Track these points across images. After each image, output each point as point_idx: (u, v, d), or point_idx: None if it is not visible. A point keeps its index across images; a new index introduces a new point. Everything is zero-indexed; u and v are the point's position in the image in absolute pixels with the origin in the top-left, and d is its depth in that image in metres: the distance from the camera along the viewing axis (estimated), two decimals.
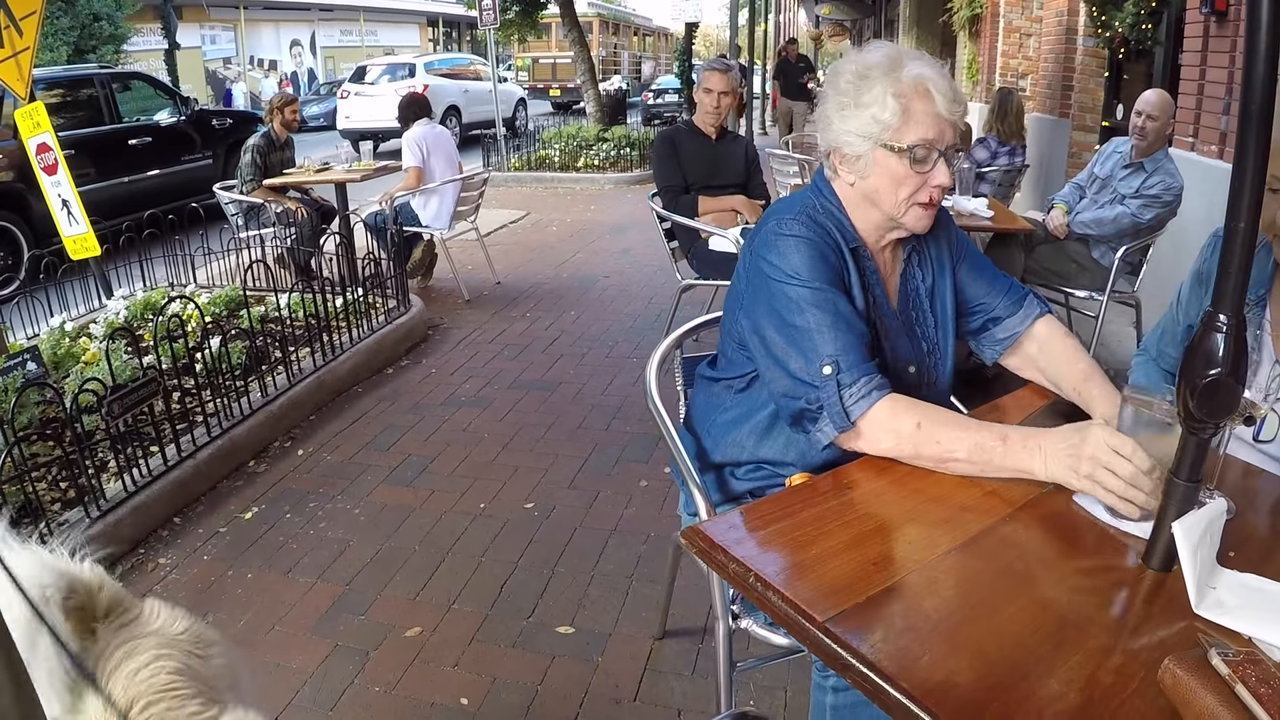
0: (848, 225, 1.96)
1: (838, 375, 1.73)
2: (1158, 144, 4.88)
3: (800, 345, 1.79)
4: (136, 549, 3.56)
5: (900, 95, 1.81)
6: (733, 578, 1.37)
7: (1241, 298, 1.23)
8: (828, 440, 1.76)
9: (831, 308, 1.79)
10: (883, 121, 1.82)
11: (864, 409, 1.71)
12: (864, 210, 1.95)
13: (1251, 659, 1.10)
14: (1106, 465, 1.46)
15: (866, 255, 1.97)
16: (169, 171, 10.37)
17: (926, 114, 1.81)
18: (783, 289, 1.84)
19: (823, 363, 1.75)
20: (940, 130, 1.82)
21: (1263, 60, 1.14)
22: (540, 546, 3.56)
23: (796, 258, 1.84)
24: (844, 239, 1.93)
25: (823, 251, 1.86)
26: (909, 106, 1.81)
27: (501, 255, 8.62)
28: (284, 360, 4.88)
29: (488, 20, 14.35)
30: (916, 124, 1.81)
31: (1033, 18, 10.36)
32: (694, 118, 5.55)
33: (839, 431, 1.74)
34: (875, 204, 1.91)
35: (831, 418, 1.74)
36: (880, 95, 1.82)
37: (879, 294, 1.99)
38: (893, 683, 1.11)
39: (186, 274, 6.66)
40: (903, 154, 1.82)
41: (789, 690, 2.75)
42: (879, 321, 1.97)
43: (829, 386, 1.74)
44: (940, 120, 1.82)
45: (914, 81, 1.81)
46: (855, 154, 1.89)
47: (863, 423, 1.72)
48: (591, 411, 4.92)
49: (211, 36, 30.44)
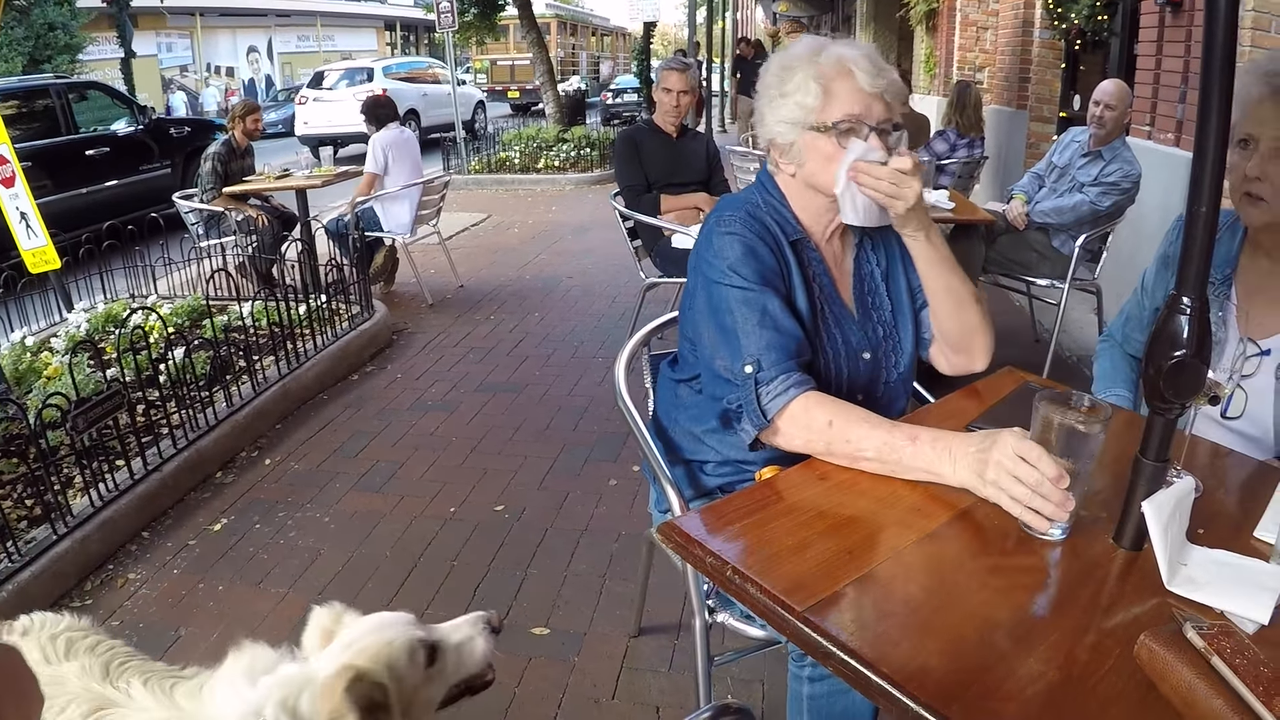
0: (790, 218, 1.96)
1: (757, 374, 1.75)
2: (1115, 133, 4.93)
3: (728, 344, 1.81)
4: (105, 565, 3.51)
5: (820, 77, 1.82)
6: (710, 571, 1.37)
7: (1204, 280, 1.24)
8: (750, 439, 1.78)
9: (759, 307, 1.80)
10: (806, 105, 1.84)
11: (780, 406, 1.72)
12: (808, 199, 1.95)
13: (1225, 631, 1.12)
14: (1012, 472, 1.43)
15: (811, 246, 1.97)
16: (128, 181, 10.26)
17: (848, 90, 1.82)
18: (716, 288, 1.86)
19: (745, 362, 1.76)
20: (866, 105, 1.82)
21: (1221, 46, 1.15)
22: (512, 549, 3.55)
23: (730, 255, 1.85)
24: (785, 232, 1.93)
25: (756, 249, 1.86)
26: (829, 86, 1.82)
27: (464, 258, 8.59)
28: (248, 369, 4.83)
29: (445, 23, 14.27)
30: (839, 101, 1.82)
31: (989, 11, 10.43)
32: (654, 117, 5.55)
33: (757, 430, 1.76)
34: (816, 189, 1.91)
35: (750, 416, 1.75)
36: (802, 81, 1.84)
37: (826, 283, 1.98)
38: (873, 668, 1.11)
39: (148, 285, 6.59)
40: (828, 132, 1.82)
41: (766, 683, 2.75)
42: (828, 311, 1.97)
43: (748, 385, 1.75)
44: (864, 95, 1.82)
45: (834, 62, 1.83)
46: (788, 143, 1.90)
47: (779, 420, 1.73)
48: (559, 412, 4.91)
49: (168, 44, 30.10)
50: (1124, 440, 1.61)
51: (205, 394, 4.49)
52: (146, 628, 3.12)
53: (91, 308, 5.87)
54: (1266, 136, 1.82)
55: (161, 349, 4.50)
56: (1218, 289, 2.03)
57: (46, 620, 1.81)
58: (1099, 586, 1.32)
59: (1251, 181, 1.85)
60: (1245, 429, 1.99)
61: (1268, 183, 1.83)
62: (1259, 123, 1.83)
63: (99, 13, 22.26)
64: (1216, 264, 2.03)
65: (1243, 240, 2.05)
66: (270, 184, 7.20)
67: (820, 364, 1.92)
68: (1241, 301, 2.03)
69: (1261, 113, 1.82)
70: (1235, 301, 2.03)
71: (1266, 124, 1.82)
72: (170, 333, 4.54)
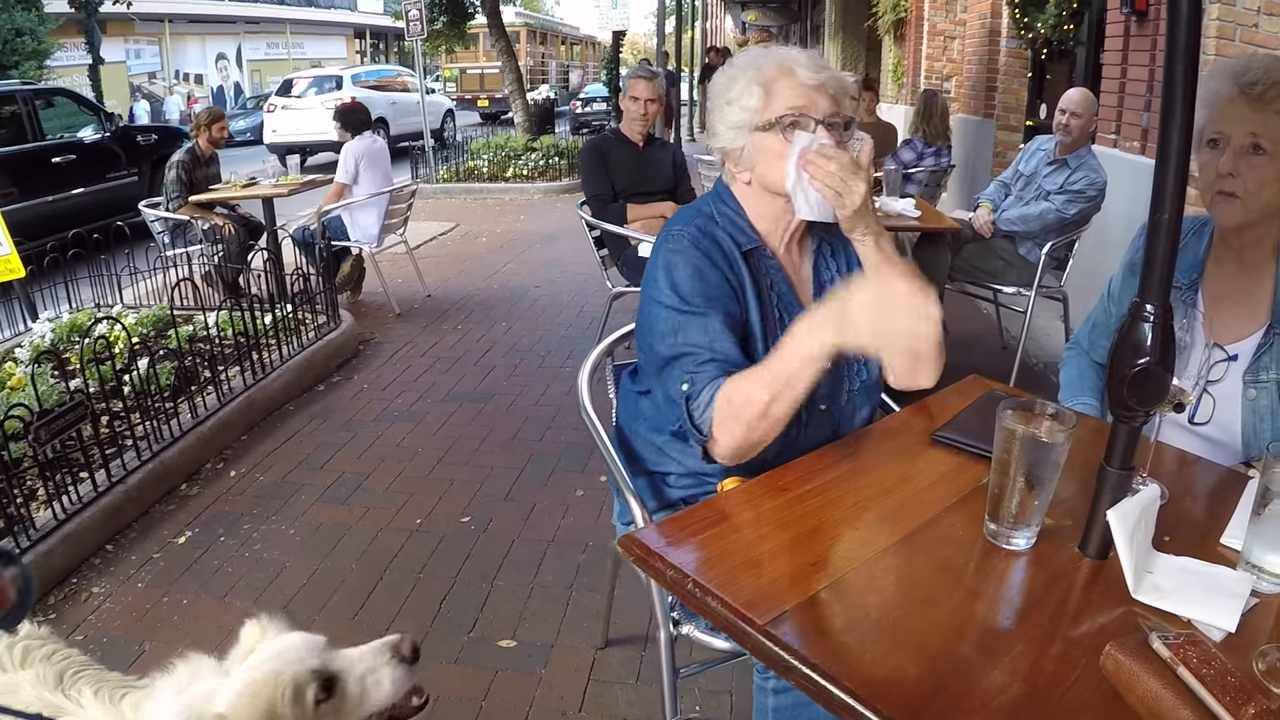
0: (745, 227, 1.95)
1: (689, 390, 1.74)
2: (1081, 141, 4.96)
3: (672, 366, 1.80)
4: (69, 579, 3.44)
5: (762, 79, 1.84)
6: (671, 585, 1.35)
7: (1168, 288, 1.24)
8: (700, 455, 1.77)
9: (700, 325, 1.79)
10: (750, 108, 1.85)
11: (710, 417, 1.70)
12: (765, 204, 1.94)
13: (1191, 640, 1.11)
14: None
15: (768, 254, 1.96)
16: (94, 189, 10.13)
17: (789, 87, 1.83)
18: (659, 309, 1.85)
19: (683, 380, 1.76)
20: (809, 98, 1.83)
21: (1184, 54, 1.16)
22: (478, 560, 3.52)
23: (675, 274, 1.85)
24: (739, 243, 1.92)
25: (702, 269, 1.85)
26: (770, 87, 1.84)
27: (431, 268, 8.53)
28: (214, 380, 4.77)
29: (415, 31, 14.22)
30: (780, 98, 1.83)
31: (956, 21, 10.50)
32: (621, 125, 5.54)
33: (700, 445, 1.75)
34: (771, 189, 1.90)
35: (691, 434, 1.75)
36: (745, 86, 1.86)
37: (785, 290, 1.97)
38: (836, 683, 1.10)
39: (113, 294, 6.49)
40: (773, 128, 1.83)
41: (734, 694, 2.73)
42: (786, 319, 1.94)
43: (683, 405, 1.75)
44: (806, 89, 1.83)
45: (775, 64, 1.85)
46: (737, 148, 1.91)
47: (714, 429, 1.71)
48: (525, 422, 4.88)
49: (136, 51, 29.89)
50: (1090, 448, 1.60)
51: (170, 405, 4.43)
52: (110, 642, 3.06)
53: (56, 318, 5.79)
54: (1237, 133, 1.84)
55: (126, 359, 4.44)
56: (1184, 293, 2.04)
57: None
58: (1065, 596, 1.30)
59: (1224, 179, 1.87)
60: (1212, 434, 2.00)
61: (1240, 178, 1.84)
62: (1229, 121, 1.85)
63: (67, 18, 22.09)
64: (1183, 269, 2.03)
65: (1209, 245, 2.06)
66: (236, 192, 7.14)
67: None
68: (1208, 307, 2.03)
69: (1232, 111, 1.84)
70: (1202, 307, 2.04)
71: (1237, 121, 1.84)
72: (134, 343, 4.46)
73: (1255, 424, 1.93)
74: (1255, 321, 1.96)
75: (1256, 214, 1.88)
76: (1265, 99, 1.80)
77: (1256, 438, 1.93)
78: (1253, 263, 1.98)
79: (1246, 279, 1.99)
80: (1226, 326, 1.99)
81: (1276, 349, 1.91)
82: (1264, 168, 1.83)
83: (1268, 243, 1.96)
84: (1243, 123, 1.83)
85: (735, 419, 1.65)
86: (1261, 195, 1.85)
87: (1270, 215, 1.91)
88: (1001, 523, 1.40)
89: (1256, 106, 1.81)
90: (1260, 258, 1.97)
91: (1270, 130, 1.81)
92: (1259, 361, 1.93)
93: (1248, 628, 1.24)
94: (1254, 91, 1.81)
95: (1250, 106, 1.82)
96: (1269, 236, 1.95)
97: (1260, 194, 1.85)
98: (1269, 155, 1.82)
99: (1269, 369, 1.92)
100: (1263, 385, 1.92)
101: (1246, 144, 1.83)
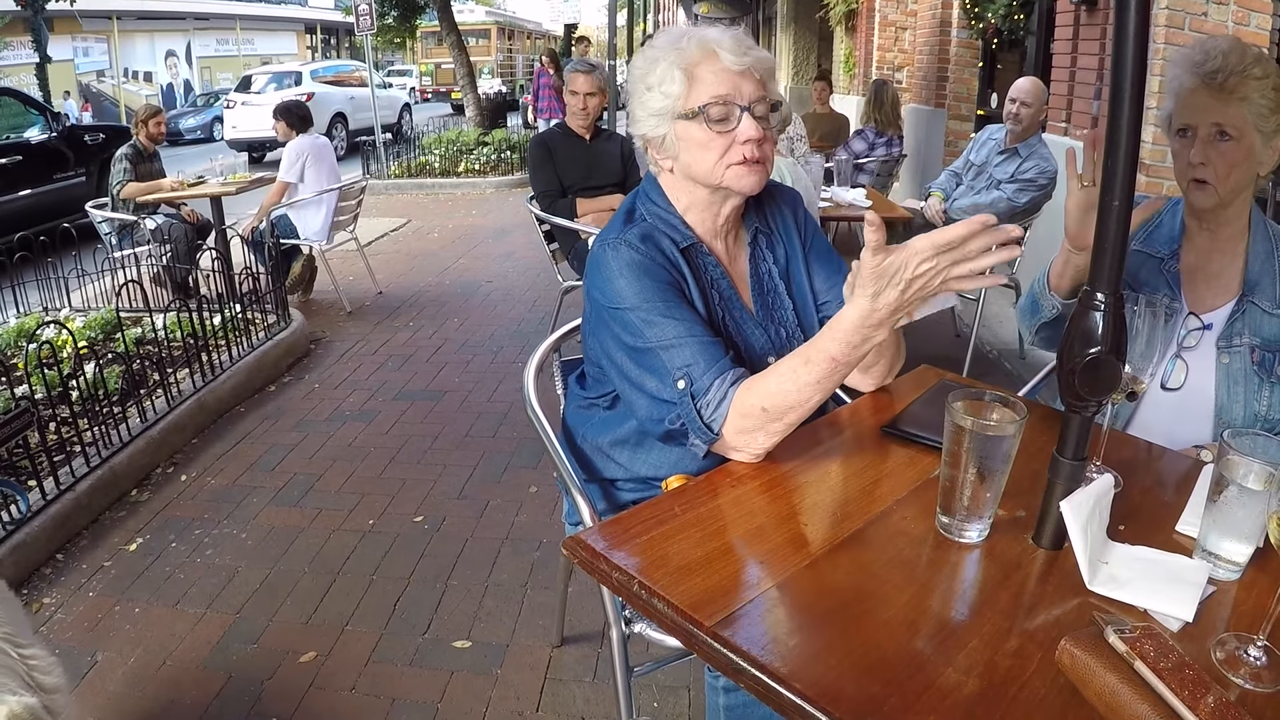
0: (678, 223, 1.90)
1: (691, 388, 1.66)
2: (1032, 130, 4.99)
3: (650, 365, 1.73)
4: (19, 590, 3.35)
5: (683, 63, 1.77)
6: (617, 587, 1.31)
7: (1119, 275, 1.23)
8: (703, 453, 1.70)
9: (670, 321, 1.72)
10: (672, 94, 1.79)
11: (723, 417, 1.63)
12: (690, 193, 1.90)
13: (1148, 633, 1.09)
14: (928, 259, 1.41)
15: (704, 250, 1.91)
16: (41, 190, 9.95)
17: (713, 72, 1.77)
18: (619, 315, 1.77)
19: (676, 378, 1.68)
20: (734, 84, 1.77)
21: (1132, 40, 1.16)
22: (432, 560, 3.48)
23: (622, 281, 1.77)
24: (675, 240, 1.86)
25: (647, 267, 1.78)
26: (693, 72, 1.77)
27: (383, 264, 8.47)
28: (163, 383, 4.68)
29: (364, 25, 14.12)
30: (704, 84, 1.77)
31: (908, 11, 10.55)
32: (565, 119, 5.52)
33: (708, 444, 1.67)
34: (695, 179, 1.85)
35: (697, 434, 1.67)
36: (666, 70, 1.79)
37: (725, 287, 1.92)
38: (786, 684, 1.07)
39: (61, 297, 6.38)
40: (697, 117, 1.77)
41: (691, 689, 2.72)
42: (728, 317, 1.91)
43: (685, 402, 1.67)
44: (729, 75, 1.77)
45: (697, 47, 1.78)
46: (659, 136, 1.85)
47: (727, 431, 1.64)
48: (478, 419, 4.84)
49: (84, 49, 29.38)
50: (1042, 436, 1.59)
51: (118, 410, 4.33)
52: (63, 653, 2.98)
53: (3, 322, 5.67)
54: (1203, 124, 1.93)
55: (73, 364, 4.35)
56: (1166, 263, 2.12)
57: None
58: (1019, 589, 1.28)
59: (1196, 167, 1.95)
60: (1185, 399, 2.07)
61: (1210, 166, 1.93)
62: (1194, 112, 1.94)
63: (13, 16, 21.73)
64: (1161, 240, 2.15)
65: (1183, 220, 2.14)
66: (184, 191, 7.03)
67: None
68: (1184, 277, 2.11)
69: (1195, 101, 1.93)
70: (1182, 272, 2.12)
71: (1201, 112, 1.93)
72: (81, 347, 4.37)
73: (1229, 387, 2.02)
74: (1228, 293, 2.07)
75: (1229, 196, 1.97)
76: (1227, 88, 1.88)
77: (1229, 400, 2.02)
78: (1226, 238, 2.07)
79: (1219, 253, 2.08)
80: (1200, 297, 2.10)
81: (1248, 316, 2.02)
82: (1231, 152, 1.91)
83: (1240, 219, 2.05)
84: (1207, 113, 1.92)
85: (779, 420, 1.59)
86: (1231, 179, 1.94)
87: (1241, 192, 1.99)
88: (954, 515, 1.38)
89: (1219, 96, 1.89)
90: (1234, 233, 2.07)
91: (1232, 118, 1.89)
92: (1232, 329, 2.03)
93: (1205, 616, 1.23)
94: (1215, 81, 1.89)
95: (1213, 96, 1.90)
96: (1241, 213, 2.05)
97: (1230, 178, 1.94)
98: (1234, 140, 1.90)
99: (1241, 334, 2.02)
100: (1235, 350, 2.02)
101: (1213, 133, 1.92)
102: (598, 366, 1.95)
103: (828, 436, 1.79)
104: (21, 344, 5.22)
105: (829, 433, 1.81)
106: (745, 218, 2.00)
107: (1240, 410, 2.00)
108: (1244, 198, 2.02)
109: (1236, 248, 2.06)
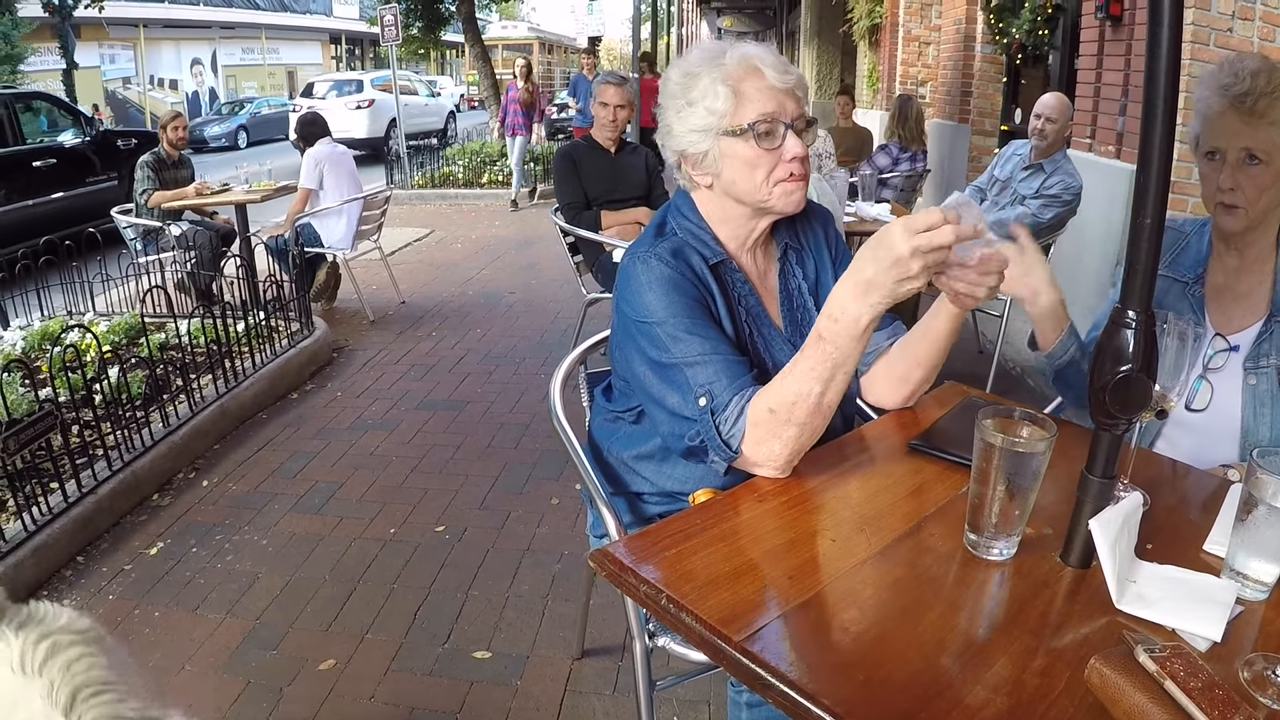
0: (709, 239, 1.89)
1: (711, 405, 1.66)
2: (1056, 145, 4.97)
3: (674, 381, 1.72)
4: (39, 591, 3.38)
5: (728, 79, 1.76)
6: (644, 600, 1.31)
7: (1150, 293, 1.23)
8: (724, 470, 1.69)
9: (696, 338, 1.72)
10: (717, 110, 1.77)
11: (740, 433, 1.62)
12: (727, 210, 1.89)
13: (1178, 653, 1.08)
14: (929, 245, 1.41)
15: (734, 267, 1.90)
16: (74, 194, 10.05)
17: (759, 90, 1.76)
18: (645, 328, 1.77)
19: (698, 395, 1.68)
20: (779, 102, 1.76)
21: (1165, 58, 1.14)
22: (453, 570, 3.48)
23: (650, 295, 1.77)
24: (705, 256, 1.85)
25: (676, 282, 1.78)
26: (739, 88, 1.76)
27: (406, 274, 8.50)
28: (185, 388, 4.71)
29: (390, 36, 14.23)
30: (751, 102, 1.75)
31: (932, 26, 10.55)
32: (592, 131, 5.51)
33: (727, 462, 1.66)
34: (738, 198, 1.84)
35: (716, 451, 1.66)
36: (709, 86, 1.77)
37: (753, 304, 1.91)
38: (815, 700, 1.06)
39: (85, 302, 6.42)
40: (745, 134, 1.76)
41: (712, 704, 2.71)
42: (756, 334, 1.90)
43: (705, 419, 1.66)
44: (775, 92, 1.76)
45: (739, 63, 1.76)
46: (700, 152, 1.83)
47: (745, 446, 1.63)
48: (500, 430, 4.85)
49: (111, 55, 29.68)
50: (1071, 455, 1.58)
51: (141, 414, 4.37)
52: None
53: (28, 325, 5.72)
54: (1232, 148, 1.90)
55: (97, 368, 4.37)
56: (1190, 288, 2.11)
57: (47, 614, 1.55)
58: (1047, 607, 1.28)
59: (1225, 192, 1.93)
60: (1210, 421, 2.05)
61: (1240, 191, 1.91)
62: (1223, 135, 1.91)
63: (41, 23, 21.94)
64: (1187, 265, 2.12)
65: (1210, 240, 2.12)
66: (209, 198, 7.08)
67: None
68: (1210, 298, 2.10)
69: (1223, 125, 1.90)
70: (1207, 295, 2.11)
71: (1230, 136, 1.90)
72: (105, 351, 4.40)
73: (1255, 408, 2.00)
74: (1255, 313, 2.04)
75: (1258, 219, 1.96)
76: (1256, 111, 1.85)
77: (1256, 422, 1.99)
78: (1254, 258, 2.05)
79: (1247, 273, 2.06)
80: (1228, 318, 2.07)
81: (1276, 337, 1.99)
82: (1261, 175, 1.89)
83: (1267, 238, 2.03)
84: (1236, 137, 1.89)
85: (787, 423, 1.57)
86: (1261, 202, 1.92)
87: (1270, 213, 1.98)
88: (982, 533, 1.38)
89: (1248, 120, 1.86)
90: (1261, 253, 2.04)
91: (1262, 142, 1.87)
92: (1259, 349, 2.00)
93: (1233, 636, 1.22)
94: (1244, 105, 1.86)
95: (1242, 120, 1.87)
96: (1268, 233, 2.02)
97: (1260, 201, 1.92)
98: (1264, 163, 1.88)
99: (1269, 356, 1.99)
100: (1263, 371, 1.99)
101: (1242, 157, 1.89)
102: (624, 380, 1.94)
103: (854, 453, 1.78)
104: (46, 347, 5.27)
105: (855, 449, 1.81)
106: (775, 233, 1.99)
107: (1266, 432, 1.98)
108: (1272, 218, 2.00)
109: (1264, 267, 2.04)
